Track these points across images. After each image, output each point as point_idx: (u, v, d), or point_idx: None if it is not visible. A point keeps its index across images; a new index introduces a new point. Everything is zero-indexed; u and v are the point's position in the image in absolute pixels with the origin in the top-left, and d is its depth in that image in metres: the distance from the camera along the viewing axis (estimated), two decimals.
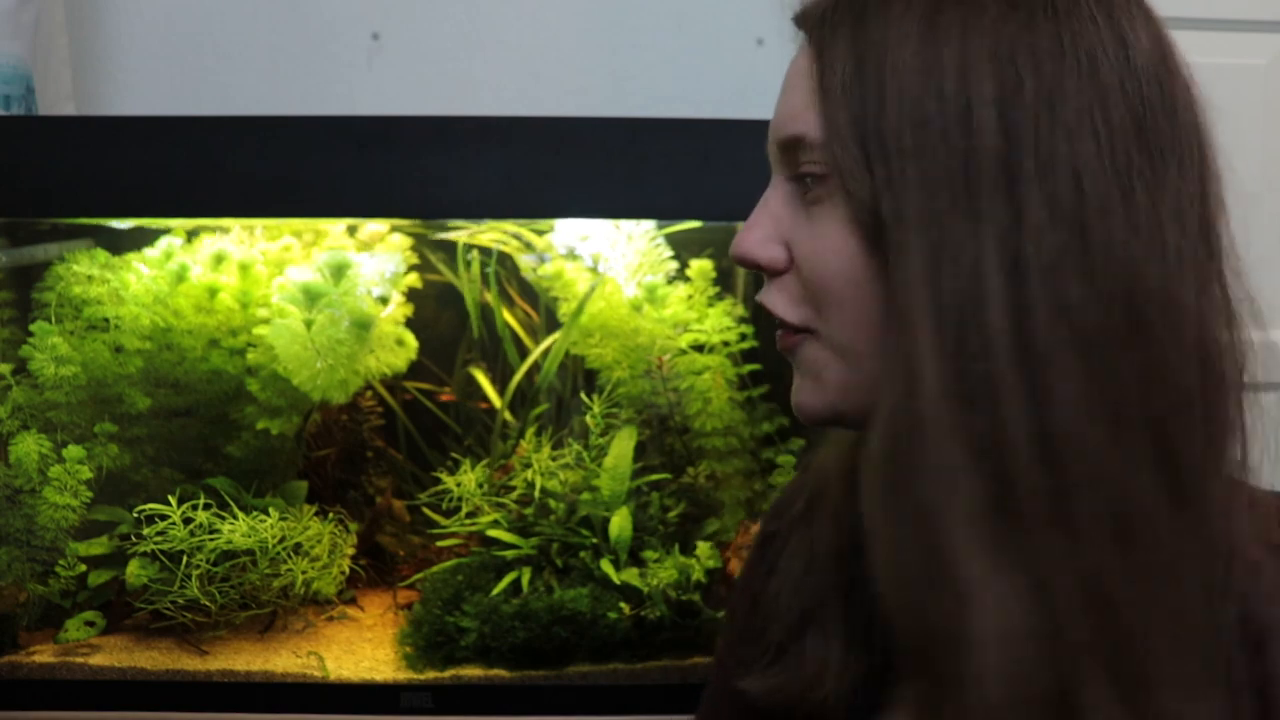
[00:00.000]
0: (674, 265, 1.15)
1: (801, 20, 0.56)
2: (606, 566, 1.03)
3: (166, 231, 1.11)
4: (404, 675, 1.03)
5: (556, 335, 1.15)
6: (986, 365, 0.48)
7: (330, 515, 1.10)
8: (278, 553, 1.05)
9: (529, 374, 1.18)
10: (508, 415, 1.19)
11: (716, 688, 0.73)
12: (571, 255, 1.15)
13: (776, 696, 0.63)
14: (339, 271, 1.09)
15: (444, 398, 1.21)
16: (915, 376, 0.49)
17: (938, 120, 0.50)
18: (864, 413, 0.53)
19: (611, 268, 1.14)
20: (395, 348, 1.13)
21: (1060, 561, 0.48)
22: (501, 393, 1.19)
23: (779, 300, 0.57)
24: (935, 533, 0.49)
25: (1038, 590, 0.48)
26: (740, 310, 1.15)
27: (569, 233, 1.14)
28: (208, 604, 1.03)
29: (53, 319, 1.05)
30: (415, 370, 1.18)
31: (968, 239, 0.49)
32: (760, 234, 0.56)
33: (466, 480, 1.10)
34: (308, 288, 1.07)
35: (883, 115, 0.51)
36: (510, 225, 1.15)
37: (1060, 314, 0.48)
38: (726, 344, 1.13)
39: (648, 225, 1.13)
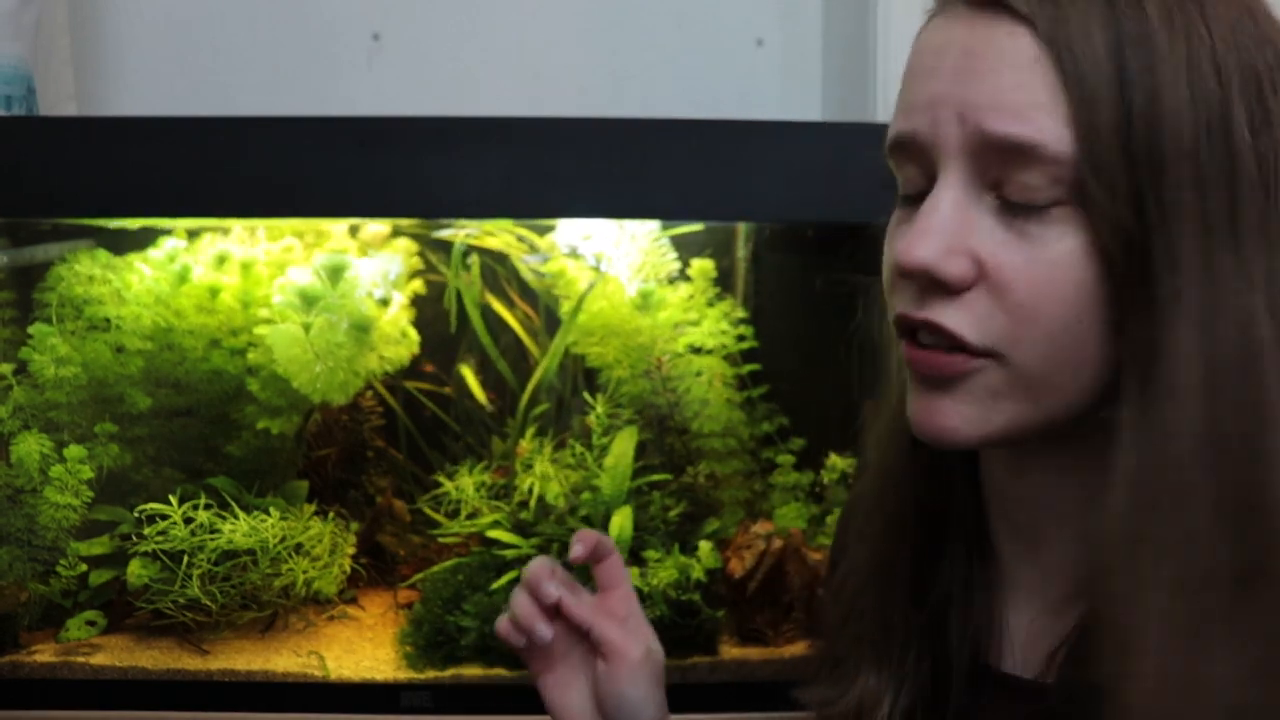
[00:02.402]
0: (675, 265, 1.15)
1: None
2: None
3: (168, 232, 1.12)
4: (404, 675, 1.03)
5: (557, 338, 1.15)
6: (1256, 432, 0.45)
7: (330, 515, 1.10)
8: (278, 552, 1.05)
9: (527, 374, 1.18)
10: (507, 419, 1.19)
11: None
12: (574, 254, 1.15)
13: (826, 711, 0.62)
14: (336, 273, 1.09)
15: (442, 389, 1.21)
16: (1175, 436, 0.45)
17: (1208, 141, 0.43)
18: (1017, 441, 0.50)
19: (613, 267, 1.14)
20: (398, 341, 1.13)
21: None
22: (499, 393, 1.20)
23: (962, 320, 0.48)
24: (1173, 594, 0.45)
25: (1260, 670, 0.44)
26: (740, 312, 1.15)
27: (571, 232, 1.14)
28: (208, 604, 1.03)
29: (53, 319, 1.06)
30: (415, 370, 1.18)
31: (1242, 289, 0.44)
32: (941, 244, 0.47)
33: (465, 484, 1.10)
34: (305, 291, 1.08)
35: (1159, 131, 0.43)
36: (510, 225, 1.15)
37: None
38: (725, 346, 1.13)
39: (651, 225, 1.13)
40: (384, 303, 1.12)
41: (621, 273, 1.14)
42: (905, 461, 0.59)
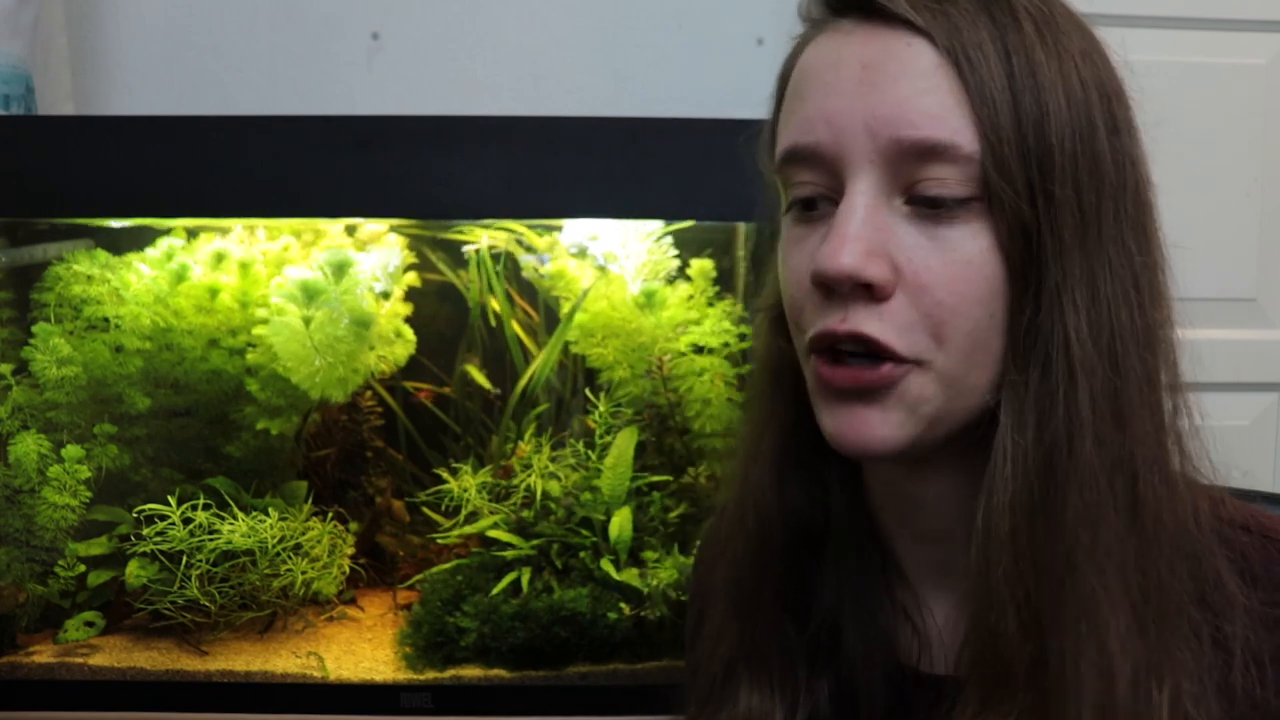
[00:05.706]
0: (675, 265, 1.14)
1: (893, 3, 0.49)
2: (606, 566, 1.03)
3: (167, 232, 1.11)
4: (404, 675, 1.03)
5: (556, 335, 1.15)
6: (1128, 396, 0.49)
7: (329, 515, 1.10)
8: (277, 553, 1.05)
9: (530, 374, 1.18)
10: (510, 422, 1.19)
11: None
12: (581, 253, 1.15)
13: None
14: (340, 270, 1.08)
15: (441, 390, 1.21)
16: (1074, 408, 0.48)
17: (1079, 144, 0.48)
18: (935, 446, 0.51)
19: (613, 267, 1.14)
20: (394, 341, 1.13)
21: None
22: (505, 394, 1.19)
23: (886, 329, 0.48)
24: (1073, 568, 0.48)
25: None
26: (740, 310, 1.15)
27: (573, 232, 1.14)
28: (207, 604, 1.03)
29: (52, 319, 1.05)
30: (415, 369, 1.17)
31: (1107, 278, 0.49)
32: (864, 247, 0.47)
33: (467, 483, 1.10)
34: (306, 285, 1.07)
35: (1046, 133, 0.47)
36: (513, 225, 1.15)
37: (1147, 346, 0.51)
38: (726, 345, 1.13)
39: (653, 225, 1.13)
40: (385, 295, 1.12)
41: (622, 271, 1.14)
42: (771, 477, 0.58)
